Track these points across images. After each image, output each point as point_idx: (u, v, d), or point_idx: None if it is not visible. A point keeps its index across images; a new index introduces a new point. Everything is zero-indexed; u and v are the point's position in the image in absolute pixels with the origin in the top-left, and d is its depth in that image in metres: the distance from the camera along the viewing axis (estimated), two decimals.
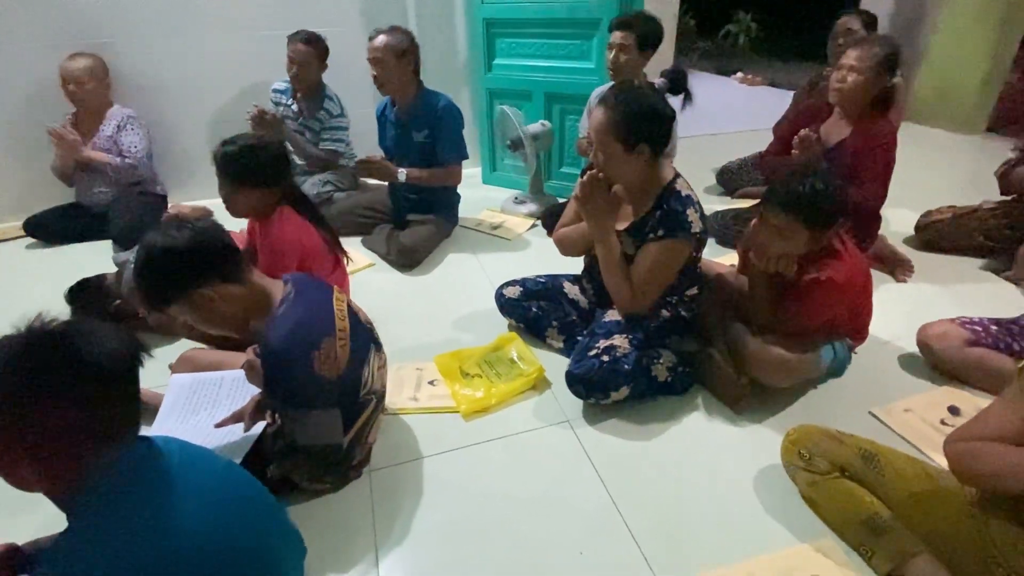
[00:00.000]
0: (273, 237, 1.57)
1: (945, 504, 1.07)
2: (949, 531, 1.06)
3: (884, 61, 2.02)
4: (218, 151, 1.56)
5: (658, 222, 1.49)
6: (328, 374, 1.11)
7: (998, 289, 2.20)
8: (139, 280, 1.07)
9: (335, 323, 1.16)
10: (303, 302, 1.14)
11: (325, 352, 1.11)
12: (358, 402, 1.22)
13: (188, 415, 1.37)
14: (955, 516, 1.06)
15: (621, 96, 1.42)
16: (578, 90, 2.84)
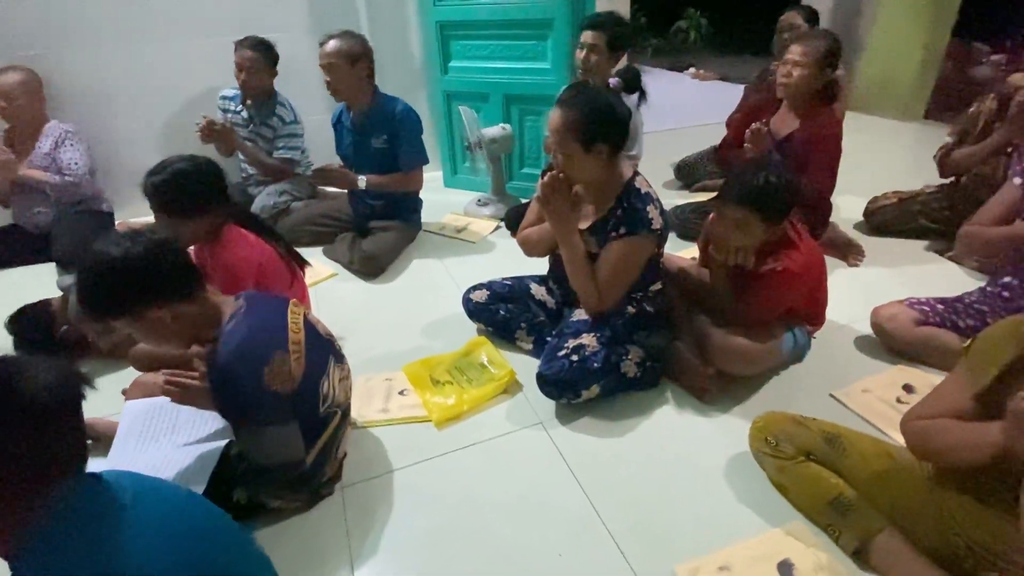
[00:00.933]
0: (223, 260, 1.49)
1: (905, 480, 1.12)
2: (910, 506, 1.10)
3: (826, 55, 2.09)
4: (146, 183, 1.44)
5: (619, 220, 1.50)
6: (281, 389, 1.07)
7: (942, 269, 2.31)
8: (83, 290, 1.01)
9: (288, 336, 1.12)
10: (253, 317, 1.10)
11: (277, 367, 1.07)
12: (319, 416, 1.19)
13: (147, 442, 1.32)
14: (914, 491, 1.10)
15: (577, 97, 1.43)
16: (535, 91, 2.85)
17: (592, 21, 2.27)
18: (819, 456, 1.22)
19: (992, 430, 0.88)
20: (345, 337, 1.93)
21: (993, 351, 0.93)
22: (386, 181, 2.42)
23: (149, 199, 1.46)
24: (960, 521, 1.02)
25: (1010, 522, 0.87)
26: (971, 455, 0.93)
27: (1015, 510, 0.84)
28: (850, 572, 1.12)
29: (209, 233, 1.52)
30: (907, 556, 1.08)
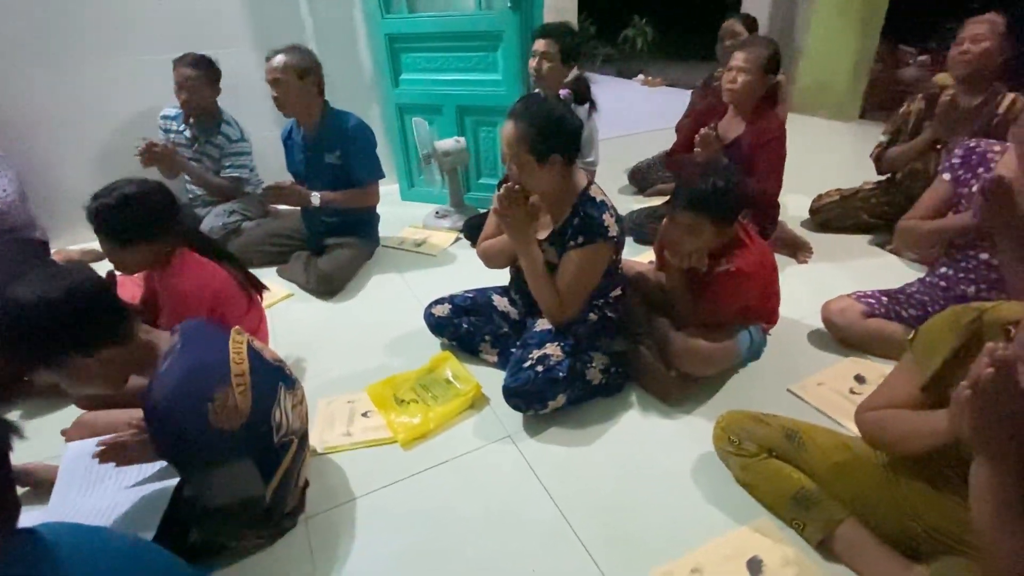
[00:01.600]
0: (174, 288, 1.42)
1: (862, 470, 1.16)
2: (868, 494, 1.14)
3: (768, 61, 2.17)
4: (91, 207, 1.35)
5: (577, 229, 1.51)
6: (228, 425, 1.02)
7: (885, 261, 2.42)
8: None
9: (231, 369, 1.07)
10: (190, 353, 1.05)
11: (221, 403, 1.01)
12: (274, 447, 1.14)
13: (90, 486, 1.23)
14: (871, 480, 1.14)
15: (528, 108, 1.43)
16: (488, 102, 2.85)
17: (545, 30, 2.30)
18: (780, 452, 1.25)
19: (939, 418, 0.92)
20: (304, 359, 1.88)
21: (935, 342, 0.98)
22: (341, 197, 2.37)
23: (94, 225, 1.37)
24: (916, 507, 1.06)
25: (962, 505, 0.91)
26: (921, 443, 0.96)
27: (966, 493, 0.88)
28: (816, 564, 1.15)
29: (160, 259, 1.45)
30: (868, 544, 1.12)
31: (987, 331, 0.92)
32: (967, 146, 1.69)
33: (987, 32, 2.11)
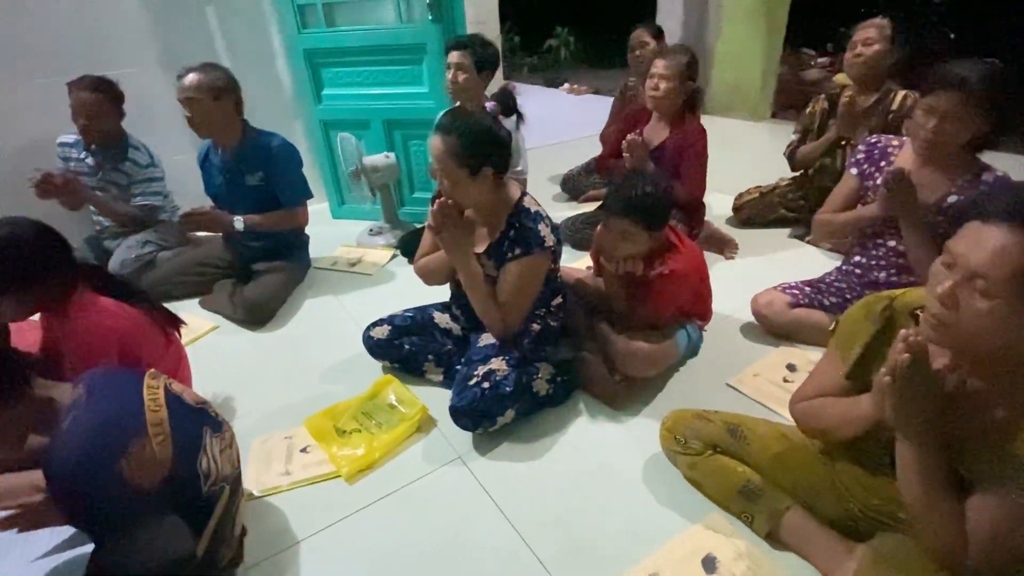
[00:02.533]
0: (75, 334, 1.28)
1: (800, 458, 1.20)
2: (808, 481, 1.18)
3: (687, 67, 2.26)
4: None
5: (513, 241, 1.50)
6: (148, 481, 0.93)
7: (804, 252, 2.56)
8: None
9: (146, 418, 0.98)
10: (97, 404, 0.94)
11: (137, 456, 0.92)
12: (203, 498, 1.05)
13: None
14: (810, 466, 1.19)
15: (455, 123, 1.42)
16: (416, 115, 2.81)
17: (456, 42, 2.29)
18: (725, 447, 1.28)
19: (864, 403, 0.96)
20: (234, 397, 1.76)
21: (854, 332, 1.03)
22: (267, 220, 2.26)
23: None
24: (852, 489, 1.11)
25: (893, 484, 0.96)
26: (850, 428, 1.01)
27: (895, 472, 0.92)
28: (766, 555, 1.18)
29: (55, 303, 1.31)
30: (812, 529, 1.16)
31: (899, 317, 0.98)
32: (869, 142, 1.81)
33: (876, 35, 2.29)
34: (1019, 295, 0.72)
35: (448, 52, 2.30)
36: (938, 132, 1.51)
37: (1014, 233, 0.72)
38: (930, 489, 0.88)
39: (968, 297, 0.77)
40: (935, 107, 1.49)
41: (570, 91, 7.06)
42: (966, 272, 0.76)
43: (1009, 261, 0.72)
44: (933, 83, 1.49)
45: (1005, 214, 0.74)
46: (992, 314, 0.75)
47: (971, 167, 1.59)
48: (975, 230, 0.77)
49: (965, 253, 0.77)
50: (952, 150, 1.56)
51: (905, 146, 1.71)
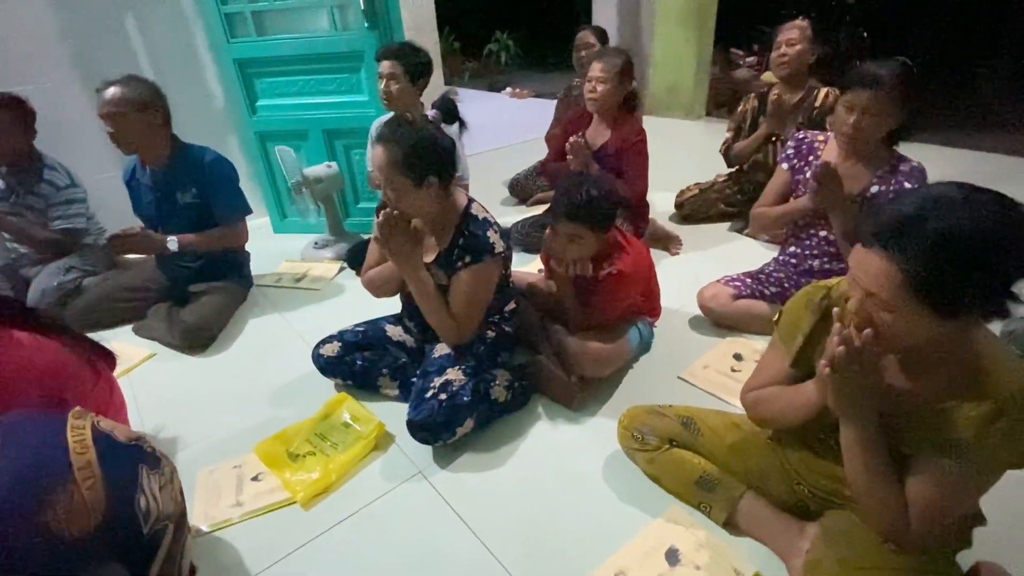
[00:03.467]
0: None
1: (752, 446, 1.24)
2: (759, 467, 1.23)
3: (623, 69, 2.31)
4: None
5: (463, 249, 1.49)
6: (79, 529, 0.85)
7: (744, 245, 2.67)
8: None
9: (71, 461, 0.90)
10: (14, 452, 0.86)
11: (63, 505, 0.83)
12: (144, 540, 0.97)
13: None
14: (761, 453, 1.23)
15: (397, 132, 1.39)
16: (356, 123, 2.76)
17: (386, 51, 2.26)
18: (680, 440, 1.31)
19: (808, 391, 1.01)
20: (176, 427, 1.67)
21: (795, 322, 1.07)
22: (203, 239, 2.15)
23: None
24: (800, 472, 1.15)
25: (838, 465, 1.01)
26: (796, 415, 1.05)
27: (840, 455, 0.97)
28: (726, 542, 1.22)
29: None
30: (766, 513, 1.20)
31: (835, 306, 1.02)
32: (797, 138, 1.91)
33: (799, 36, 2.41)
34: (913, 306, 0.78)
35: (378, 62, 2.27)
36: (858, 127, 1.60)
37: (885, 257, 0.78)
38: (872, 468, 0.93)
39: (873, 311, 0.83)
40: (854, 104, 1.59)
41: (512, 95, 7.10)
42: (864, 291, 0.82)
43: (890, 283, 0.78)
44: (851, 81, 1.59)
45: (874, 239, 0.79)
46: (897, 323, 0.81)
47: (889, 158, 1.70)
48: (860, 254, 0.82)
49: (858, 275, 0.82)
50: (872, 143, 1.66)
51: (830, 141, 1.81)
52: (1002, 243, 0.73)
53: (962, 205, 0.75)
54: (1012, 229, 0.74)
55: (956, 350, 0.86)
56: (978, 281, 0.75)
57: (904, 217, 0.77)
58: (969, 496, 0.93)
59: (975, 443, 0.84)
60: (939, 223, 0.74)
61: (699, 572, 1.15)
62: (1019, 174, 3.31)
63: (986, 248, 0.73)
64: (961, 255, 0.73)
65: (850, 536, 1.02)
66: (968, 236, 0.73)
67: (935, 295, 0.76)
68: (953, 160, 3.47)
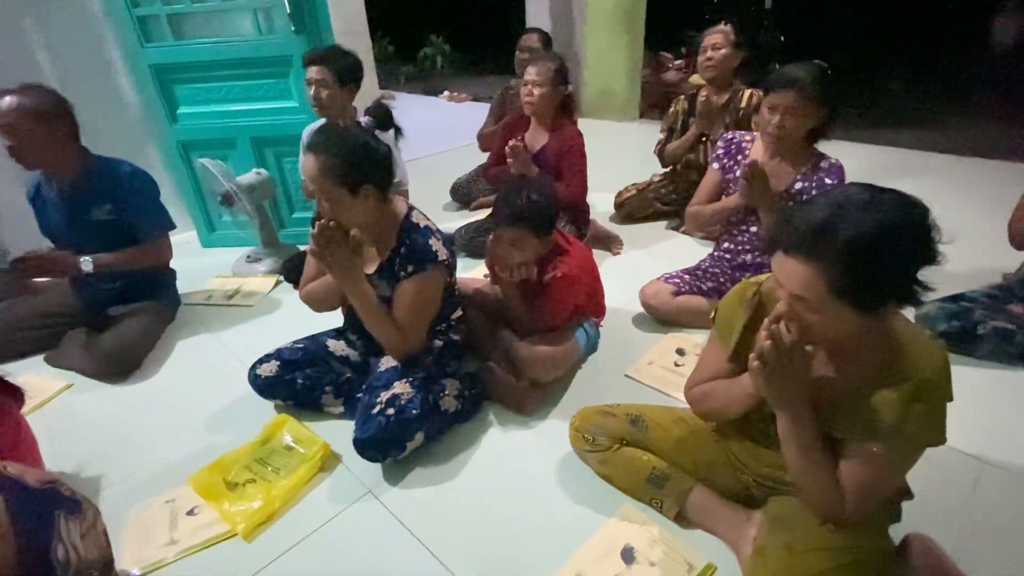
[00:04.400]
0: None
1: (698, 439, 1.28)
2: (706, 459, 1.26)
3: (557, 73, 2.33)
4: None
5: (405, 258, 1.46)
6: None
7: (681, 242, 2.76)
8: None
9: None
10: None
11: None
12: None
13: None
14: (707, 446, 1.26)
15: (329, 140, 1.34)
16: (287, 130, 2.65)
17: (312, 56, 2.18)
18: (630, 439, 1.33)
19: (745, 383, 1.04)
20: (99, 465, 1.54)
21: (731, 318, 1.11)
22: (121, 258, 2.00)
23: None
24: (744, 461, 1.19)
25: (777, 453, 1.05)
26: (737, 407, 1.09)
27: (779, 443, 1.01)
28: (678, 536, 1.24)
29: None
30: (715, 504, 1.24)
31: (766, 301, 1.07)
32: (725, 138, 1.98)
33: (723, 40, 2.52)
34: (836, 306, 0.83)
35: (305, 67, 2.19)
36: (782, 127, 1.69)
37: (804, 263, 0.82)
38: (808, 453, 0.97)
39: (800, 312, 0.87)
40: (777, 104, 1.67)
41: (450, 99, 7.07)
42: (790, 295, 0.86)
43: (812, 286, 0.82)
44: (773, 83, 1.67)
45: (793, 247, 0.83)
46: (823, 321, 0.85)
47: (811, 156, 1.79)
48: (781, 260, 0.86)
49: (781, 280, 0.86)
50: (794, 142, 1.75)
51: (756, 140, 1.90)
52: (907, 238, 0.79)
53: (868, 208, 0.79)
54: (915, 224, 0.79)
55: (877, 338, 0.92)
56: (891, 276, 0.81)
57: (816, 225, 0.81)
58: (897, 474, 0.99)
59: (899, 425, 0.90)
60: (849, 229, 0.78)
61: (654, 568, 1.17)
62: (919, 166, 3.60)
63: (894, 245, 0.78)
64: (873, 255, 0.78)
65: (793, 521, 1.06)
66: (877, 237, 0.78)
67: (855, 295, 0.81)
68: (863, 155, 3.72)
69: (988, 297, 1.81)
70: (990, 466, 1.38)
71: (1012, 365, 1.72)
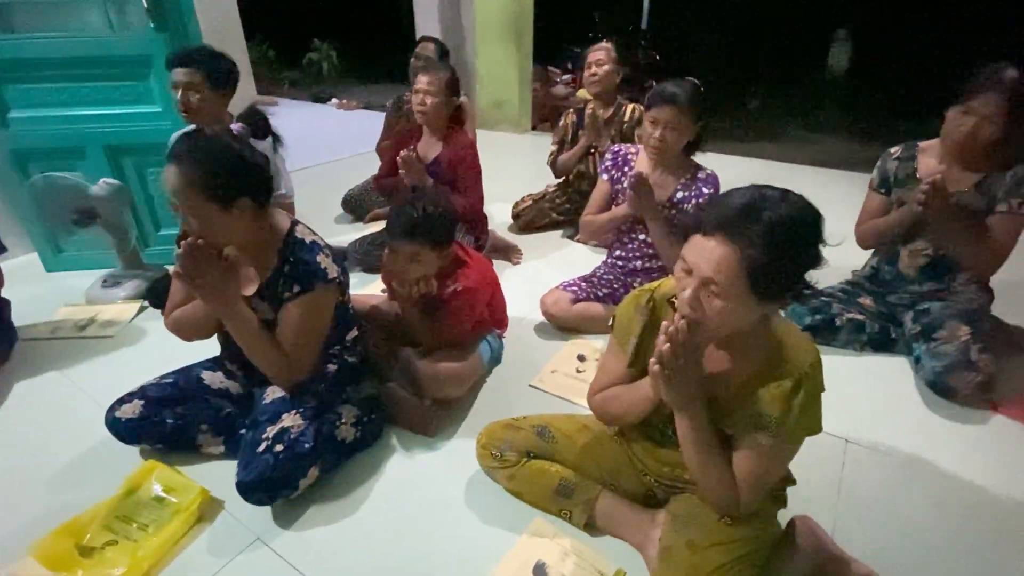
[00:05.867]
0: None
1: (602, 445, 1.29)
2: (611, 465, 1.28)
3: (448, 83, 2.31)
4: None
5: (290, 278, 1.34)
6: None
7: (576, 251, 2.83)
8: None
9: None
10: None
11: None
12: None
13: None
14: (610, 451, 1.28)
15: (195, 149, 1.20)
16: (150, 138, 2.39)
17: (177, 58, 1.97)
18: (538, 451, 1.31)
19: (644, 387, 1.07)
20: None
21: (627, 324, 1.13)
22: None
23: None
24: (646, 463, 1.23)
25: (677, 453, 1.08)
26: (638, 411, 1.11)
27: (677, 442, 1.04)
28: (588, 545, 1.24)
29: None
30: (621, 509, 1.25)
31: (660, 306, 1.10)
32: (612, 150, 2.07)
33: (605, 57, 2.64)
34: (742, 292, 0.87)
35: (171, 69, 1.97)
36: (663, 140, 1.79)
37: (727, 243, 0.86)
38: (704, 450, 1.01)
39: (706, 299, 0.90)
40: (658, 119, 1.77)
41: (340, 106, 6.80)
42: (701, 279, 0.89)
43: (729, 267, 0.86)
44: (653, 99, 1.77)
45: (716, 227, 0.87)
46: (727, 309, 0.89)
47: (689, 167, 1.92)
48: (699, 242, 0.90)
49: (696, 263, 0.89)
50: (675, 154, 1.86)
51: (640, 152, 1.99)
52: (811, 236, 0.86)
53: (783, 200, 0.86)
54: (815, 225, 0.86)
55: (763, 334, 0.98)
56: (796, 268, 0.87)
57: (741, 207, 0.86)
58: (783, 464, 1.07)
59: (782, 417, 0.96)
60: (771, 213, 0.84)
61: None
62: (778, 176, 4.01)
63: (803, 238, 0.85)
64: (788, 242, 0.84)
65: (693, 518, 1.11)
66: (792, 226, 0.84)
67: (765, 280, 0.85)
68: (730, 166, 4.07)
69: (842, 292, 2.03)
70: (854, 445, 1.54)
71: (864, 351, 1.94)
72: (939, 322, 1.76)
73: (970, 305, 1.79)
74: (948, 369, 1.65)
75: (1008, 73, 1.55)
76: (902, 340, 1.91)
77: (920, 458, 1.50)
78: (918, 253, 1.84)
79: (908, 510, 1.35)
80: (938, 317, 1.78)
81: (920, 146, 1.84)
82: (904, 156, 1.85)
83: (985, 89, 1.57)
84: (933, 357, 1.70)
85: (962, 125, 1.62)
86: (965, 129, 1.61)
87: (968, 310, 1.77)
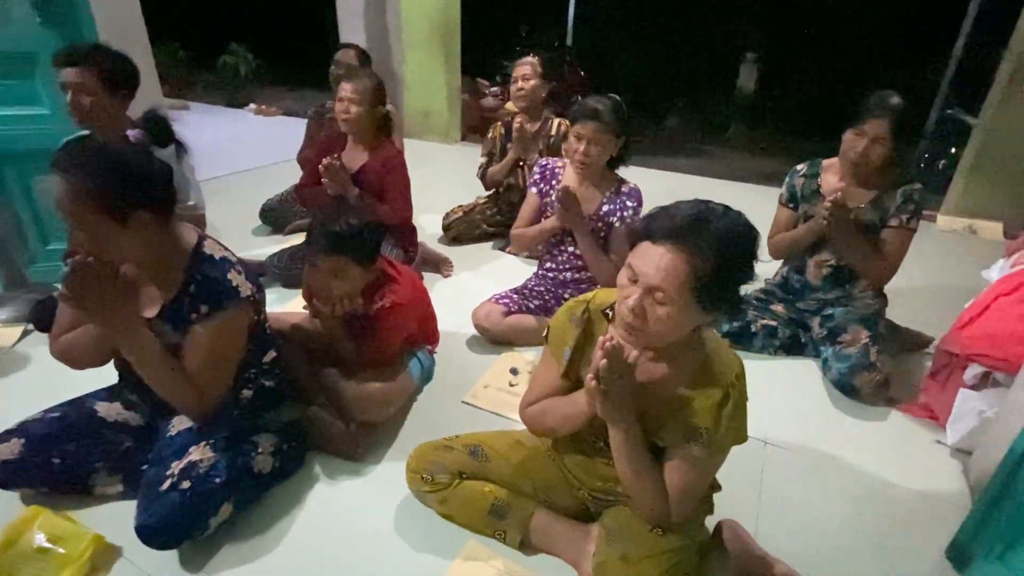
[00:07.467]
0: None
1: (536, 460, 1.28)
2: (544, 481, 1.26)
3: (374, 92, 2.24)
4: None
5: (196, 298, 1.22)
6: None
7: (508, 262, 2.83)
8: None
9: None
10: None
11: None
12: None
13: None
14: (544, 466, 1.27)
15: (82, 157, 1.08)
16: (35, 143, 2.15)
17: (66, 56, 1.78)
18: (470, 471, 1.28)
19: (580, 399, 1.06)
20: None
21: (562, 336, 1.13)
22: None
23: None
24: (579, 477, 1.22)
25: (610, 465, 1.08)
26: (572, 423, 1.11)
27: (610, 455, 1.04)
28: (522, 565, 1.22)
29: None
30: (556, 526, 1.24)
31: (595, 318, 1.11)
32: (540, 164, 2.08)
33: (531, 72, 2.67)
34: (687, 300, 0.89)
35: (59, 68, 1.78)
36: (587, 154, 1.82)
37: (675, 251, 0.88)
38: (637, 462, 1.02)
39: (650, 306, 0.91)
40: (582, 134, 1.81)
41: (258, 112, 6.48)
42: (647, 287, 0.90)
43: (676, 275, 0.87)
44: (578, 115, 1.81)
45: (666, 235, 0.89)
46: (670, 317, 0.90)
47: (613, 181, 1.96)
48: (647, 249, 0.91)
49: (643, 271, 0.90)
50: (599, 168, 1.90)
51: (567, 166, 2.02)
52: (750, 249, 0.90)
53: (727, 214, 0.90)
54: (753, 240, 0.91)
55: (696, 344, 1.01)
56: (737, 277, 0.91)
57: (691, 216, 0.88)
58: (712, 473, 1.09)
59: (712, 428, 0.98)
60: (719, 224, 0.87)
61: None
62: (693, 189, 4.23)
63: (745, 249, 0.89)
64: (732, 253, 0.88)
65: (626, 531, 1.11)
66: (737, 236, 0.88)
67: (710, 289, 0.87)
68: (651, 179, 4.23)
69: (756, 300, 2.15)
70: (772, 446, 1.62)
71: (778, 355, 2.06)
72: (843, 326, 1.90)
73: (868, 310, 1.94)
74: (852, 370, 1.78)
75: (893, 100, 1.71)
76: (811, 343, 2.04)
77: (830, 454, 1.60)
78: (823, 263, 1.98)
79: (822, 505, 1.43)
80: (841, 322, 1.92)
81: (823, 164, 1.98)
82: (809, 173, 1.99)
83: (875, 114, 1.72)
84: (838, 359, 1.83)
85: (856, 145, 1.76)
86: (859, 149, 1.75)
87: (867, 315, 1.92)
